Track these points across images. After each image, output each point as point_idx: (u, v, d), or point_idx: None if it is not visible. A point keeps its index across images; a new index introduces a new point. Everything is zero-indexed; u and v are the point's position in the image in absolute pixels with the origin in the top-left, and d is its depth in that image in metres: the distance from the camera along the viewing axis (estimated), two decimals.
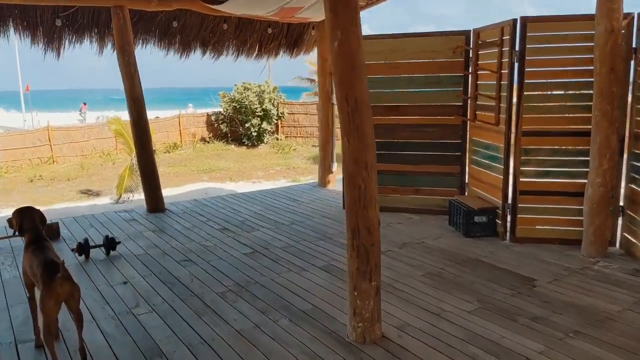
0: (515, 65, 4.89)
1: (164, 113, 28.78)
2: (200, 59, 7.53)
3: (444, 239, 5.40)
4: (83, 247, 5.10)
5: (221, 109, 21.62)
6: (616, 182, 4.72)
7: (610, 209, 4.67)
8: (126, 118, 7.74)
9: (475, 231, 5.35)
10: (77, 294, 2.98)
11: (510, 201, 5.21)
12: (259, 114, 20.49)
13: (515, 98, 4.94)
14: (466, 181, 6.15)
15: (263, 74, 20.66)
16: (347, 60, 3.04)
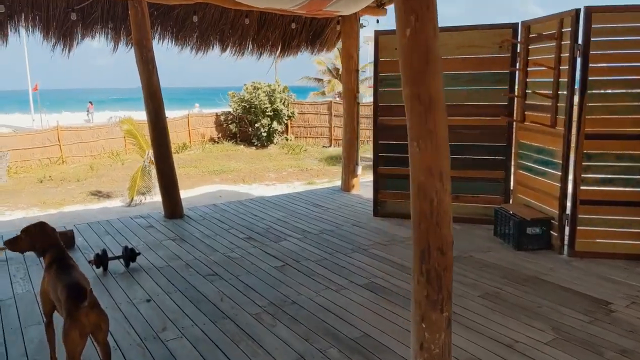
0: (578, 61, 4.42)
1: (171, 113, 28.40)
2: (219, 56, 7.09)
3: (494, 253, 4.93)
4: (101, 259, 4.68)
5: (230, 109, 21.20)
6: None
7: None
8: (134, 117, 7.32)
9: (527, 244, 4.88)
10: (105, 325, 2.61)
11: (568, 211, 4.74)
12: (269, 113, 20.05)
13: (576, 97, 4.47)
14: (511, 188, 5.69)
15: (270, 74, 20.27)
16: (421, 52, 2.58)
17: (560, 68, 4.64)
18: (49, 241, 2.84)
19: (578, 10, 4.40)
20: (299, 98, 22.92)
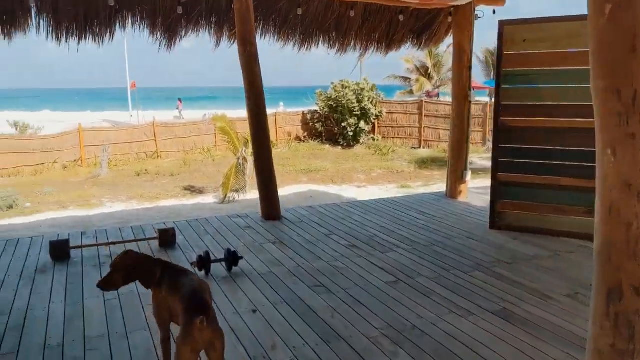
0: None
1: None
2: (326, 52, 6.74)
3: None
4: (204, 262, 4.47)
5: (317, 108, 21.04)
6: None
7: None
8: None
9: None
10: (220, 344, 2.36)
11: None
12: (357, 113, 19.63)
13: None
14: None
15: (355, 73, 19.84)
16: (626, 35, 2.00)
17: None
18: (143, 267, 2.63)
19: None
20: (386, 97, 22.30)
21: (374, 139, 20.47)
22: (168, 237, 5.27)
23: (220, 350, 2.37)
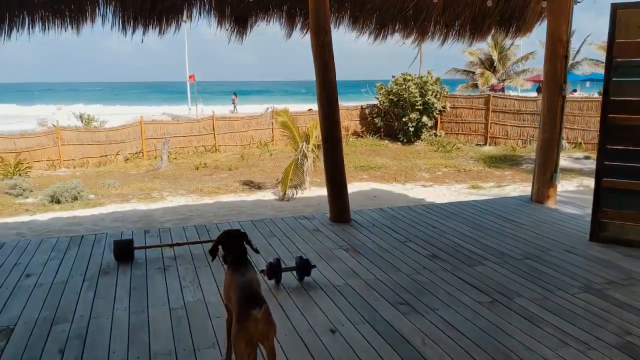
0: None
1: (312, 105, 28.57)
2: (402, 42, 6.20)
3: None
4: (274, 270, 4.08)
5: (377, 102, 20.42)
6: None
7: None
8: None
9: None
10: (273, 335, 2.47)
11: None
12: (419, 107, 18.86)
13: None
14: None
15: (414, 66, 19.03)
16: None
17: None
18: (232, 244, 2.86)
19: None
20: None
21: (436, 135, 19.65)
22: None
23: (272, 339, 2.44)
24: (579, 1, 5.94)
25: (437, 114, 19.53)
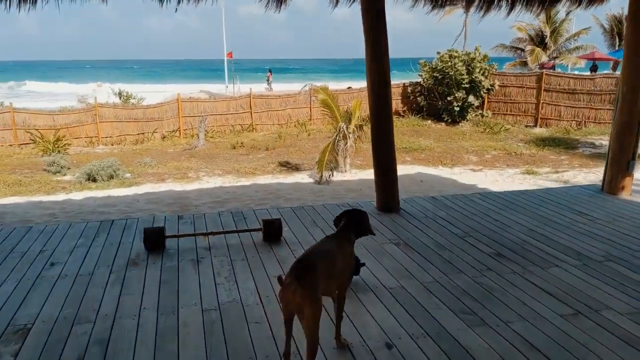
0: None
1: (353, 83, 27.80)
2: (462, 13, 5.49)
3: None
4: None
5: (420, 79, 19.50)
6: None
7: None
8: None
9: None
10: (309, 312, 2.29)
11: None
12: (465, 85, 17.85)
13: None
14: None
15: (457, 44, 17.87)
16: None
17: None
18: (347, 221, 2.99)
19: None
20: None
21: (482, 115, 18.63)
22: (273, 230, 4.49)
23: (308, 320, 2.29)
24: None
25: (485, 93, 18.48)
